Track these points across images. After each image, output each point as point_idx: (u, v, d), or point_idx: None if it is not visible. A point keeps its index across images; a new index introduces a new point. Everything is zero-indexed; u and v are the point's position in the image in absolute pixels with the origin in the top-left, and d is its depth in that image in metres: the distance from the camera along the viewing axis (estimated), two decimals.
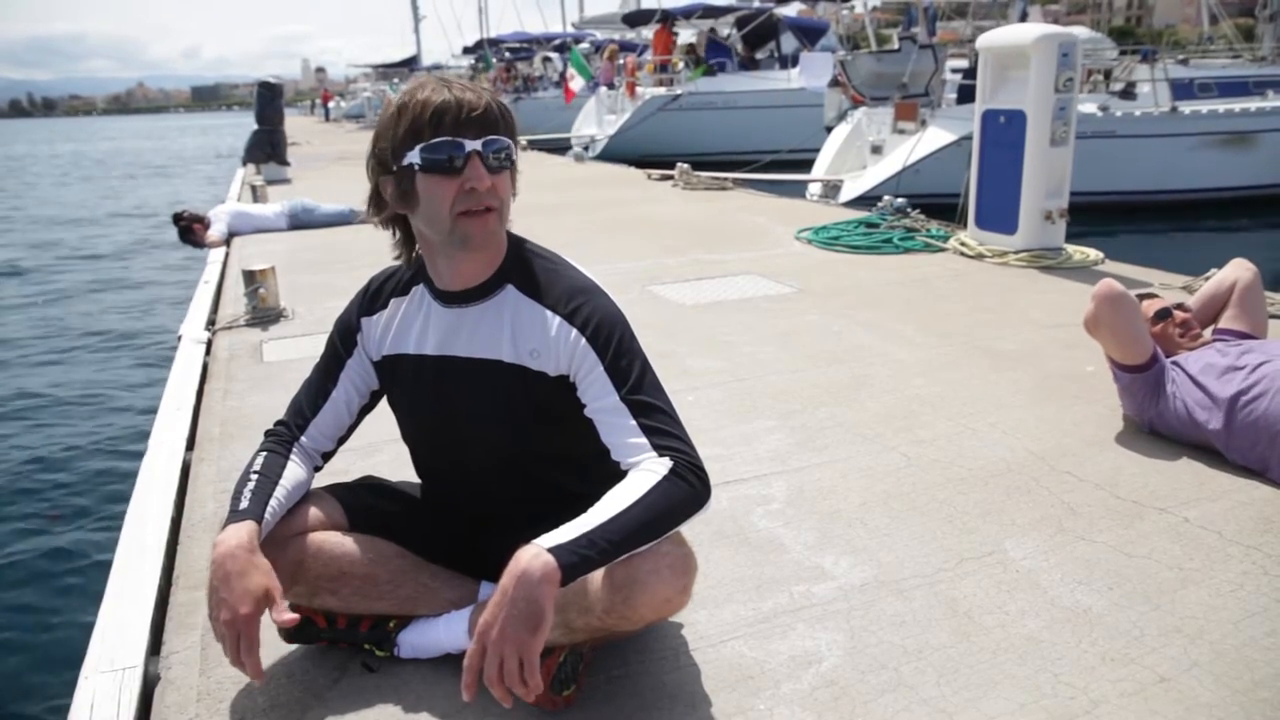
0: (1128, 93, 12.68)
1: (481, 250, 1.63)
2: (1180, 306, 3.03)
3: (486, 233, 1.59)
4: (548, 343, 1.63)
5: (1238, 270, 3.01)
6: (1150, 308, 3.01)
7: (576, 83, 19.67)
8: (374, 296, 1.82)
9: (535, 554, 1.37)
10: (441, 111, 1.52)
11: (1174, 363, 2.82)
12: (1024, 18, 13.04)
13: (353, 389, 1.82)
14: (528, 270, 1.69)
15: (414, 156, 1.54)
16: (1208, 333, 3.03)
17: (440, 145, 1.53)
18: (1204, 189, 12.34)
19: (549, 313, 1.64)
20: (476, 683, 1.38)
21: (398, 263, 1.80)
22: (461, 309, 1.69)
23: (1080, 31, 15.62)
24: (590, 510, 1.46)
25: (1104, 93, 12.78)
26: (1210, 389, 2.64)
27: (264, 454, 1.74)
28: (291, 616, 1.60)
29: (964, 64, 14.03)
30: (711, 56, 21.80)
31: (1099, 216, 9.74)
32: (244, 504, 1.62)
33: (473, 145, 1.53)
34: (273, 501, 1.65)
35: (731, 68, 21.62)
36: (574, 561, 1.38)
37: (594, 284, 1.69)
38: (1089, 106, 11.48)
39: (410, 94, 1.57)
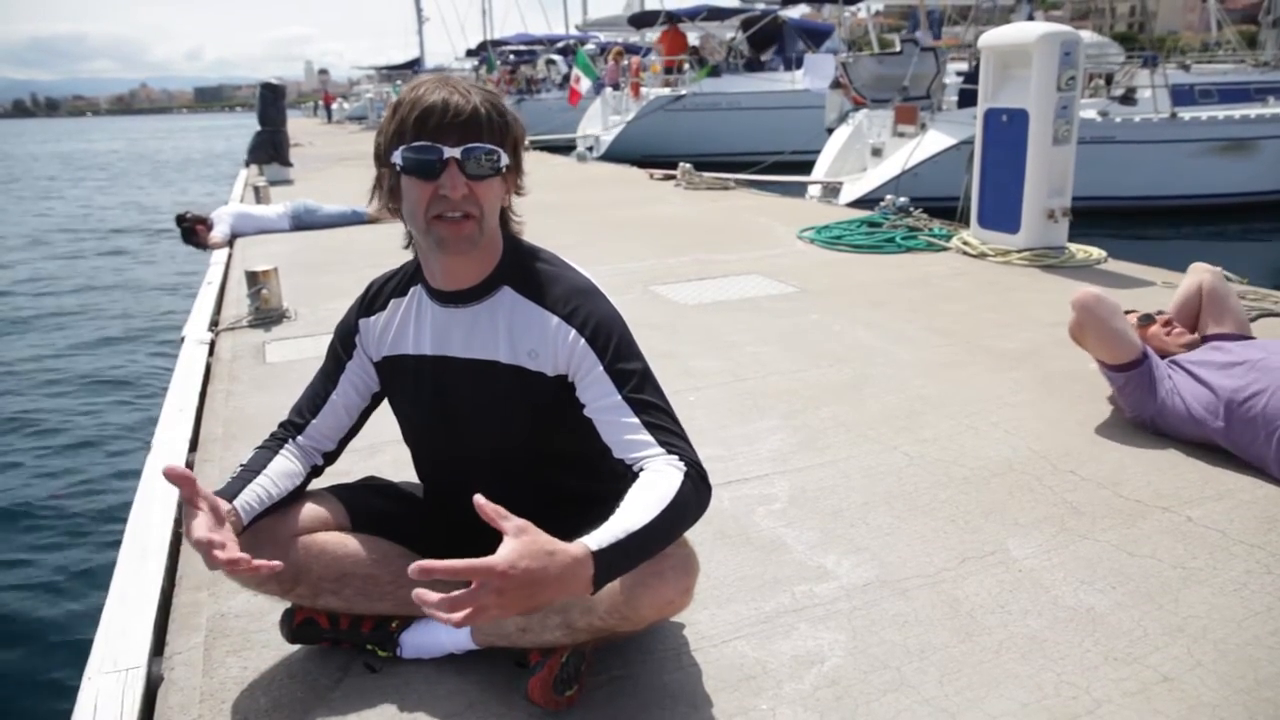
0: (1128, 98, 12.64)
1: (457, 255, 1.62)
2: (1159, 313, 3.07)
3: (460, 239, 1.58)
4: (546, 343, 1.63)
5: (1199, 275, 3.05)
6: (1131, 317, 3.04)
7: (583, 84, 19.71)
8: (373, 298, 1.82)
9: (585, 562, 1.31)
10: (426, 114, 1.51)
11: (1172, 361, 2.83)
12: (1031, 19, 13.02)
13: (352, 391, 1.83)
14: (525, 272, 1.69)
15: (397, 156, 1.55)
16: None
17: (418, 149, 1.52)
18: (1203, 195, 12.29)
19: (547, 313, 1.64)
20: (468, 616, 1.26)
21: (399, 265, 1.82)
22: (457, 309, 1.69)
23: (1086, 35, 15.57)
24: (626, 512, 1.42)
25: (1104, 98, 12.76)
26: (1211, 384, 2.64)
27: (254, 451, 1.76)
28: (246, 560, 1.48)
29: (965, 66, 14.00)
30: (787, 50, 21.96)
31: (1098, 221, 9.72)
32: (219, 489, 1.62)
33: (451, 152, 1.52)
34: (254, 488, 1.65)
35: (775, 64, 21.66)
36: (606, 578, 1.35)
37: (592, 285, 1.70)
38: (1089, 112, 11.45)
39: (409, 91, 1.58)
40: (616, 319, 1.66)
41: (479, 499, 1.29)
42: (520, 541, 1.28)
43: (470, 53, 38.98)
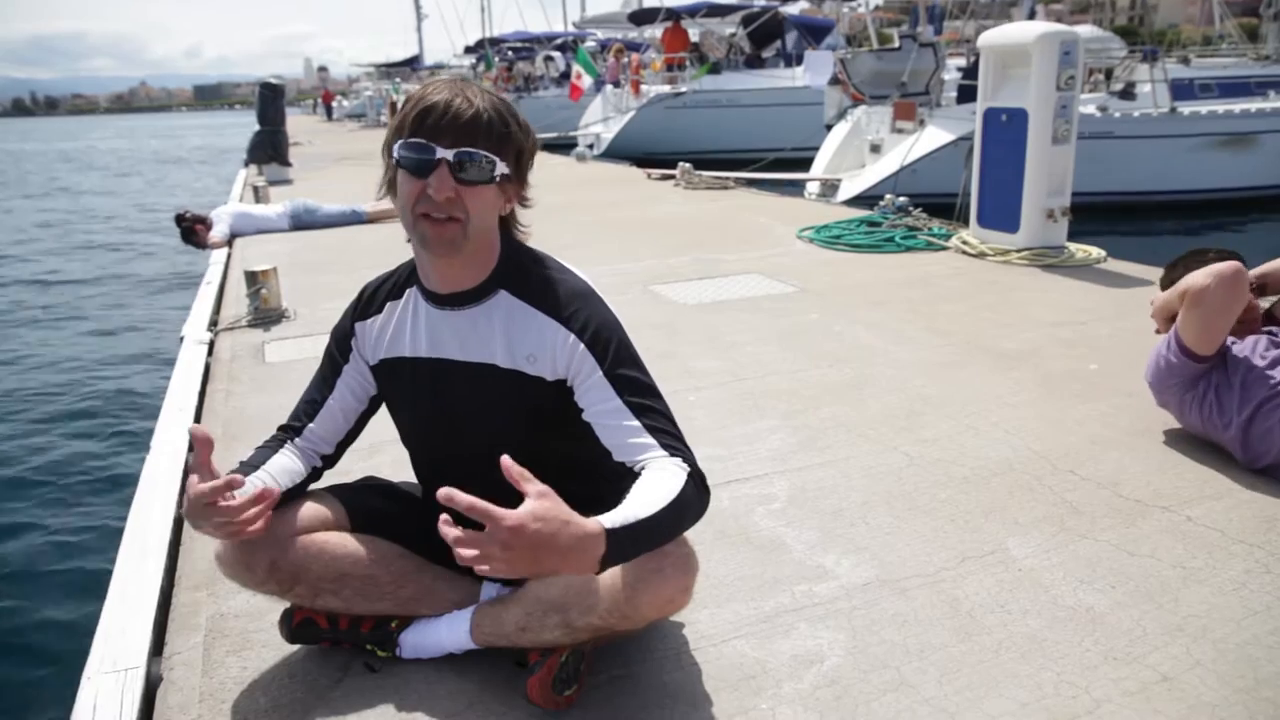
0: (1127, 93, 12.63)
1: (440, 257, 1.61)
2: (1262, 288, 2.81)
3: (444, 241, 1.57)
4: (545, 347, 1.63)
5: None
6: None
7: (584, 81, 19.73)
8: (368, 301, 1.82)
9: (598, 539, 1.33)
10: (426, 112, 1.52)
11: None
12: (1032, 16, 13.01)
13: (349, 395, 1.82)
14: (522, 275, 1.69)
15: (395, 150, 1.56)
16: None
17: (413, 145, 1.53)
18: (1203, 190, 12.28)
19: (546, 317, 1.64)
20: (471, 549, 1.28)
21: (394, 267, 1.82)
22: (453, 312, 1.69)
23: (1088, 30, 15.45)
24: (635, 501, 1.43)
25: (1104, 93, 12.75)
26: (1236, 391, 2.56)
27: (254, 451, 1.77)
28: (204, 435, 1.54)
29: (966, 62, 13.99)
30: (788, 46, 22.02)
31: (1097, 217, 9.73)
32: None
33: (443, 153, 1.52)
34: (256, 480, 1.65)
35: (776, 61, 21.66)
36: (613, 560, 1.37)
37: (590, 288, 1.69)
38: (1088, 107, 11.44)
39: (421, 88, 1.59)
40: (615, 323, 1.66)
41: (505, 459, 1.31)
42: (539, 505, 1.29)
43: (469, 49, 38.99)
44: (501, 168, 1.57)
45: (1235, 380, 2.58)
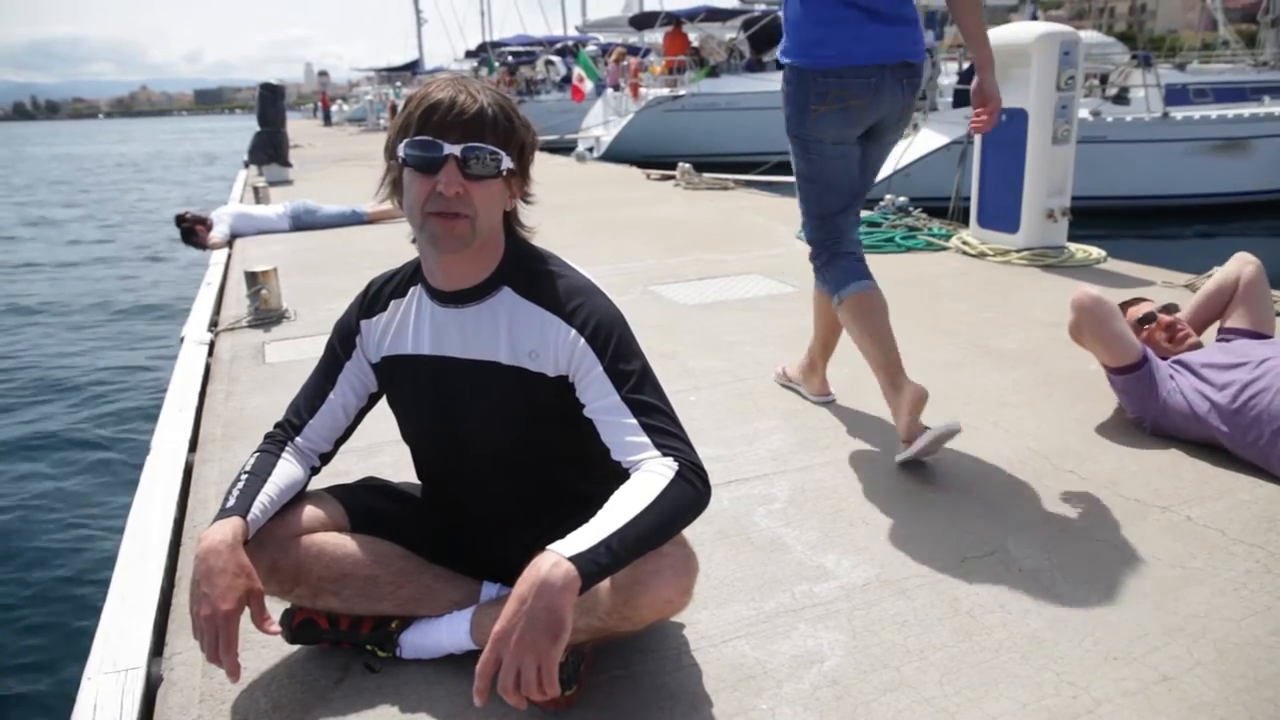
0: (1121, 98, 12.64)
1: (450, 254, 1.62)
2: (1167, 309, 3.04)
3: (453, 237, 1.58)
4: (546, 344, 1.63)
5: (1241, 265, 3.01)
6: (1134, 314, 3.05)
7: (586, 85, 19.78)
8: (373, 299, 1.82)
9: (555, 562, 1.34)
10: (431, 110, 1.53)
11: (1175, 361, 2.83)
12: (1034, 19, 13.03)
13: (350, 392, 1.82)
14: (525, 272, 1.69)
15: (401, 150, 1.56)
16: (1213, 331, 3.03)
17: (420, 143, 1.54)
18: (1196, 194, 12.27)
19: (547, 314, 1.64)
20: (489, 689, 1.35)
21: (399, 265, 1.82)
22: (457, 309, 1.69)
23: (1089, 35, 15.45)
24: (602, 514, 1.44)
25: (1098, 98, 12.75)
26: (1214, 382, 2.65)
27: (256, 455, 1.75)
28: (275, 628, 1.62)
29: (960, 67, 14.00)
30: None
31: (1091, 221, 9.72)
32: (230, 502, 1.62)
33: (451, 149, 1.52)
34: (262, 498, 1.64)
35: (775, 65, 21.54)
36: (593, 571, 1.36)
37: (592, 284, 1.69)
38: (1081, 112, 11.45)
39: (422, 87, 1.59)
40: (617, 318, 1.66)
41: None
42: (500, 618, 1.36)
43: (469, 54, 39.05)
44: (507, 162, 1.58)
45: (1210, 374, 2.69)
